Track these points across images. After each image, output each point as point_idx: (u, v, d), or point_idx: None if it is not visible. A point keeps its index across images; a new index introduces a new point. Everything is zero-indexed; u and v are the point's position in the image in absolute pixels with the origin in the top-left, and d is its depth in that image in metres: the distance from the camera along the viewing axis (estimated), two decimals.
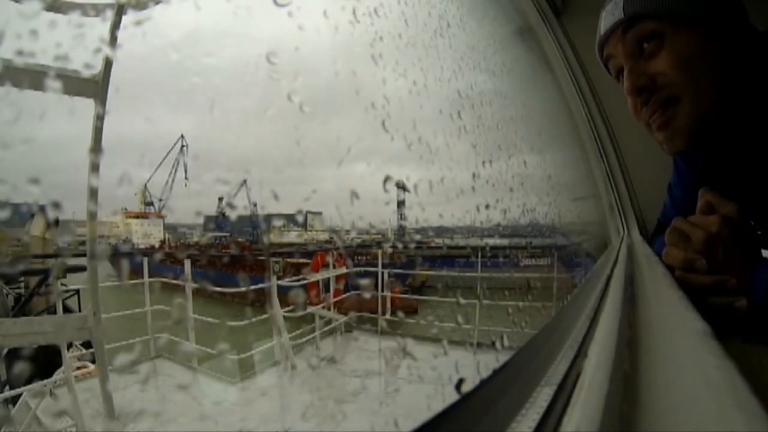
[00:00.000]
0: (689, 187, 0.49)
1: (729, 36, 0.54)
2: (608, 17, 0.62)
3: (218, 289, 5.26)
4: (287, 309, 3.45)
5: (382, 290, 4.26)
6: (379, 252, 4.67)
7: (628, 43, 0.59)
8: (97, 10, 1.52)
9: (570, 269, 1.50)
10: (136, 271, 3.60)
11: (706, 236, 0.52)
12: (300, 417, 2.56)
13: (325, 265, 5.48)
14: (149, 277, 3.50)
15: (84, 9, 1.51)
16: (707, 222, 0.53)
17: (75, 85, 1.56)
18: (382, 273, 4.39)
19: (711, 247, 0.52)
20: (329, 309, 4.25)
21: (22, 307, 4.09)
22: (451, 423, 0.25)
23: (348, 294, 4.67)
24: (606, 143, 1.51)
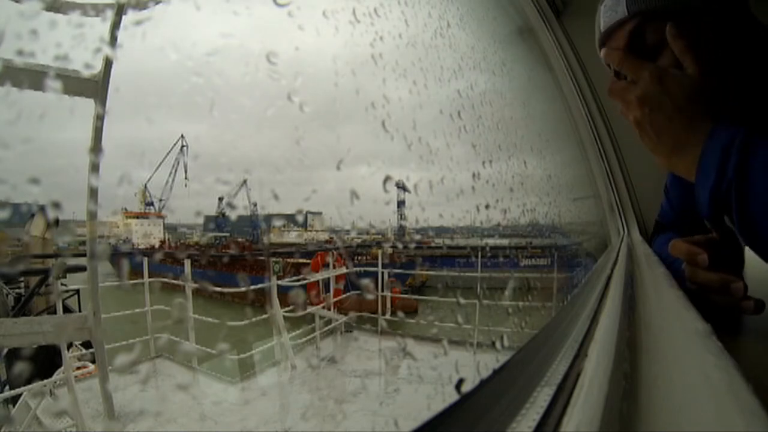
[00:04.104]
0: (686, 188, 0.49)
1: (732, 32, 0.54)
2: (609, 13, 0.60)
3: (218, 289, 5.26)
4: (287, 309, 3.45)
5: (382, 290, 4.26)
6: (379, 252, 4.67)
7: (632, 44, 0.58)
8: (97, 10, 1.52)
9: (570, 269, 1.50)
10: (136, 271, 3.60)
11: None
12: (300, 417, 2.56)
13: (325, 265, 5.49)
14: (149, 277, 3.50)
15: (84, 9, 1.51)
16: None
17: (75, 85, 1.56)
18: (382, 273, 4.39)
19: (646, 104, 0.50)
20: (329, 309, 4.25)
21: (22, 307, 4.08)
22: (451, 423, 0.25)
23: (348, 294, 4.67)
24: (606, 143, 1.51)
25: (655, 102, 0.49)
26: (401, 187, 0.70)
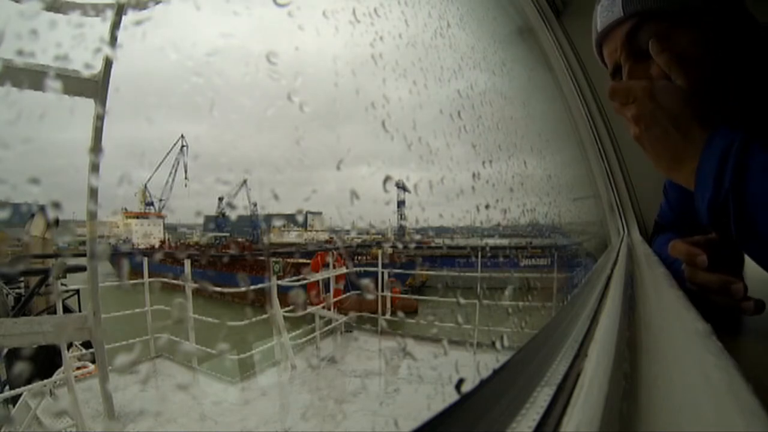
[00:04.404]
0: (684, 189, 0.49)
1: (729, 32, 0.54)
2: (605, 13, 0.59)
3: (218, 289, 5.26)
4: (287, 309, 3.45)
5: (382, 290, 4.26)
6: (379, 252, 4.67)
7: (627, 43, 0.57)
8: (97, 10, 1.52)
9: (570, 269, 1.50)
10: (136, 271, 3.60)
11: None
12: (300, 417, 2.56)
13: (325, 265, 5.49)
14: (149, 277, 3.50)
15: (84, 9, 1.51)
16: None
17: (75, 85, 1.56)
18: (382, 273, 4.39)
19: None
20: (329, 309, 4.25)
21: (22, 307, 4.09)
22: (451, 423, 0.25)
23: (348, 294, 4.67)
24: (606, 143, 1.51)
25: (649, 119, 0.49)
26: (401, 187, 0.70)
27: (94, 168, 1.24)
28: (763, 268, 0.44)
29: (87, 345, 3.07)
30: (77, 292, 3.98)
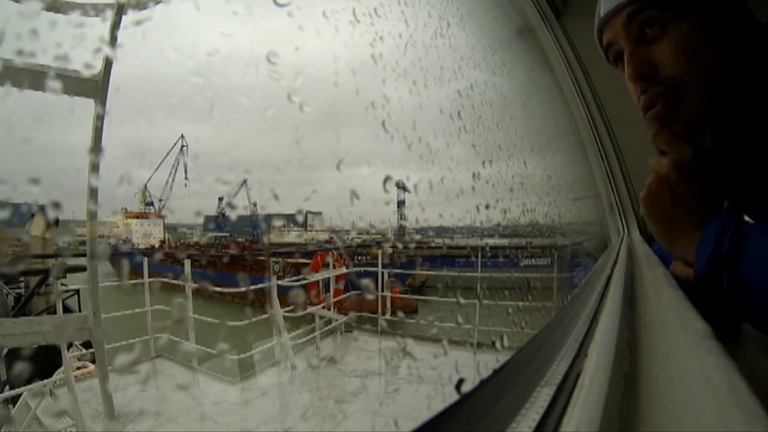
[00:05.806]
0: None
1: (730, 27, 0.54)
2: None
3: (218, 289, 5.26)
4: (287, 309, 3.45)
5: (382, 290, 4.26)
6: (379, 252, 4.67)
7: (630, 28, 0.58)
8: (97, 10, 1.52)
9: (570, 269, 1.50)
10: (136, 271, 3.60)
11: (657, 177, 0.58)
12: (300, 417, 2.56)
13: (325, 265, 5.49)
14: (149, 277, 3.50)
15: (84, 9, 1.51)
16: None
17: (75, 85, 1.56)
18: (382, 273, 4.39)
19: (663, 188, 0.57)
20: (329, 309, 4.25)
21: (22, 307, 4.09)
22: (451, 423, 0.25)
23: (348, 294, 4.67)
24: (606, 143, 1.51)
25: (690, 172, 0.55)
26: (401, 187, 0.70)
27: (94, 168, 1.24)
28: (756, 328, 0.49)
29: (87, 345, 3.07)
30: (77, 292, 3.98)
